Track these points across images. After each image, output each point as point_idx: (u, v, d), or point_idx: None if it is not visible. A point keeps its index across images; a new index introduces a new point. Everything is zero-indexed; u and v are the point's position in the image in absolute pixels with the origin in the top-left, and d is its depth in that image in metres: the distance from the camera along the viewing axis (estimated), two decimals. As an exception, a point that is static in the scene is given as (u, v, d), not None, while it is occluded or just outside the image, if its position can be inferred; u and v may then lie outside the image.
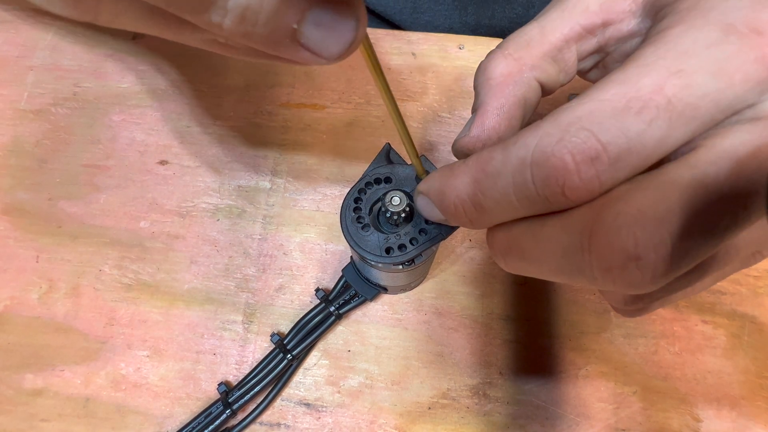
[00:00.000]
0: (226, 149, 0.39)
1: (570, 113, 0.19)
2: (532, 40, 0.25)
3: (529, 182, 0.19)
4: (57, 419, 0.33)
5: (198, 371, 0.34)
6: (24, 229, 0.37)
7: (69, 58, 0.41)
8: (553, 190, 0.18)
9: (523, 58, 0.25)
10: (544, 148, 0.18)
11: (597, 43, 0.26)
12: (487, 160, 0.20)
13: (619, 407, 0.33)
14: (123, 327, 0.35)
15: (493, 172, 0.20)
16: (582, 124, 0.18)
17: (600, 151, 0.18)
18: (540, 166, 0.18)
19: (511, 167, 0.19)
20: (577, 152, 0.18)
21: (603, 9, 0.25)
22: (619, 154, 0.18)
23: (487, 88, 0.25)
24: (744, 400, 0.33)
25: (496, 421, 0.33)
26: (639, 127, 0.18)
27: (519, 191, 0.19)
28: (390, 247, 0.26)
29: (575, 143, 0.18)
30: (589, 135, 0.18)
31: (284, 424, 0.33)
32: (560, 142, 0.18)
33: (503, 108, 0.25)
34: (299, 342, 0.33)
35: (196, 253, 0.36)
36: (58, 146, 0.39)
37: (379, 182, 0.27)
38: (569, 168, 0.18)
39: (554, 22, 0.25)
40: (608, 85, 0.19)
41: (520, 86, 0.25)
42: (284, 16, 0.15)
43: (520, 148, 0.19)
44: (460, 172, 0.21)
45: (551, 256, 0.20)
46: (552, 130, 0.19)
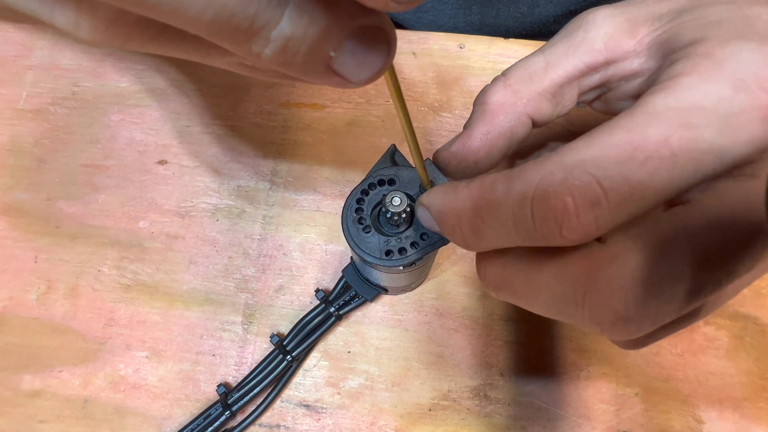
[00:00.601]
0: (225, 149, 0.39)
1: (575, 155, 0.19)
2: (534, 74, 0.26)
3: (528, 218, 0.19)
4: (55, 421, 0.33)
5: (197, 372, 0.34)
6: (22, 230, 0.37)
7: (68, 57, 0.41)
8: (551, 228, 0.19)
9: (521, 92, 0.26)
10: (547, 187, 0.19)
11: (600, 79, 0.26)
12: (489, 188, 0.20)
13: (621, 408, 0.33)
14: (122, 328, 0.35)
15: (494, 202, 0.20)
16: (586, 168, 0.18)
17: (601, 196, 0.18)
18: (540, 204, 0.19)
19: (512, 200, 0.19)
20: (578, 195, 0.18)
21: (607, 47, 0.25)
22: (619, 201, 0.18)
23: (480, 112, 0.26)
24: (746, 401, 0.33)
25: (497, 423, 0.33)
26: (642, 177, 0.18)
27: (518, 224, 0.20)
28: (390, 250, 0.25)
29: (577, 186, 0.18)
30: (591, 179, 0.18)
31: (284, 425, 0.33)
32: (563, 183, 0.18)
33: (488, 135, 0.26)
34: (299, 343, 0.33)
35: (195, 254, 0.36)
36: (56, 146, 0.39)
37: (382, 184, 0.26)
38: (569, 210, 0.18)
39: (559, 58, 0.26)
40: (615, 131, 0.19)
41: (511, 119, 0.26)
42: (324, 46, 0.15)
43: (523, 183, 0.19)
44: (462, 196, 0.21)
45: (544, 300, 0.21)
46: (556, 169, 0.19)
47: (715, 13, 0.22)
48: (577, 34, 0.26)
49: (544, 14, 0.48)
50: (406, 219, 0.25)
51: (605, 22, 0.25)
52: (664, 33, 0.23)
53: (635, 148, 0.18)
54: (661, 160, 0.18)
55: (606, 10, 0.25)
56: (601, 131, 0.19)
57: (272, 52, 0.15)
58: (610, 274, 0.19)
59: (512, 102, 0.26)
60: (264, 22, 0.14)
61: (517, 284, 0.22)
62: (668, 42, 0.23)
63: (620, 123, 0.19)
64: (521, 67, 0.26)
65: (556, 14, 0.48)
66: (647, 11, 0.25)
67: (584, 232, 0.18)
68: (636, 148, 0.18)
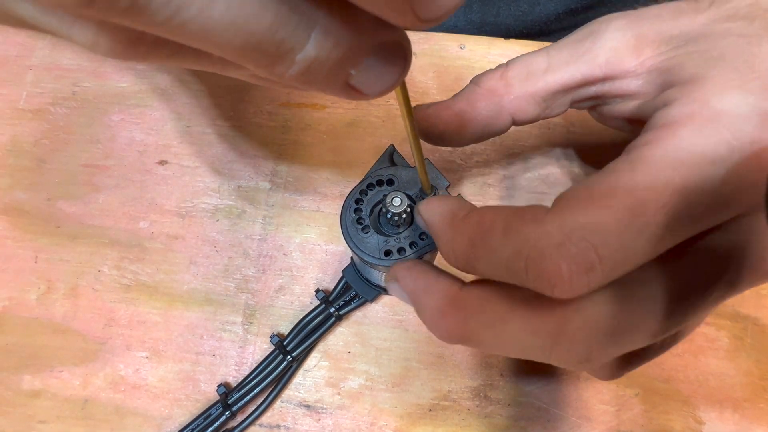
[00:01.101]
0: (225, 149, 0.39)
1: (575, 218, 0.19)
2: (532, 74, 0.26)
3: (522, 271, 0.19)
4: (55, 421, 0.33)
5: (197, 372, 0.34)
6: (22, 229, 0.37)
7: (68, 57, 0.41)
8: (543, 286, 0.19)
9: (513, 87, 0.26)
10: (543, 250, 0.19)
11: (595, 92, 0.26)
12: (487, 230, 0.20)
13: (621, 409, 0.33)
14: (122, 328, 0.35)
15: (491, 247, 0.20)
16: (584, 235, 0.19)
17: (595, 262, 0.18)
18: (535, 263, 0.19)
19: (507, 252, 0.20)
20: (573, 263, 0.18)
21: (609, 63, 0.25)
22: (613, 266, 0.19)
23: (469, 90, 0.27)
24: (747, 402, 0.33)
25: (498, 423, 0.33)
26: (637, 244, 0.19)
27: (511, 272, 0.20)
28: (389, 250, 0.25)
29: (574, 254, 0.18)
30: (588, 247, 0.18)
31: (284, 425, 0.33)
32: (560, 248, 0.19)
33: (464, 114, 0.26)
34: (299, 343, 0.33)
35: (195, 254, 0.36)
36: (56, 146, 0.39)
37: (381, 184, 0.26)
38: (563, 275, 0.18)
39: (560, 63, 0.26)
40: (616, 192, 0.19)
41: (491, 110, 0.26)
42: (346, 66, 0.16)
43: (520, 239, 0.19)
44: (460, 227, 0.21)
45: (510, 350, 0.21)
46: (555, 231, 0.19)
47: (723, 46, 0.22)
48: (583, 44, 0.26)
49: (545, 12, 0.48)
50: (406, 219, 0.25)
51: (614, 35, 0.25)
52: (667, 60, 0.24)
53: (634, 215, 0.19)
54: (658, 227, 0.19)
55: (618, 21, 0.25)
56: (599, 187, 0.20)
57: (295, 72, 0.15)
58: (576, 326, 0.20)
59: (500, 94, 0.26)
60: (291, 47, 0.14)
61: (482, 337, 0.21)
62: (669, 72, 0.23)
63: (620, 180, 0.19)
64: (523, 62, 0.26)
65: (557, 12, 0.48)
66: (658, 30, 0.24)
67: (575, 294, 0.19)
68: (635, 215, 0.19)
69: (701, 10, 0.24)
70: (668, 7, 0.25)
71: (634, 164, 0.20)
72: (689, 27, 0.24)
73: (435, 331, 0.22)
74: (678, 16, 0.24)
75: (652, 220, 0.19)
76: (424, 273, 0.23)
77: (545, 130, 0.38)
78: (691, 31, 0.24)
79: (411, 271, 0.23)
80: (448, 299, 0.22)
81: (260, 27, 0.14)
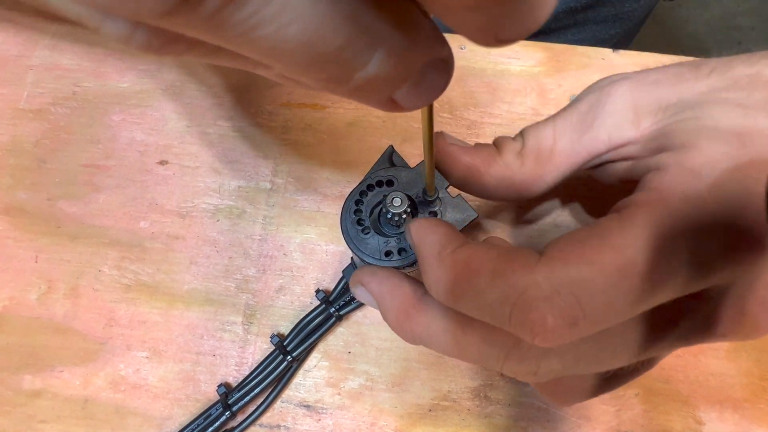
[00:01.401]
0: (226, 149, 0.39)
1: (564, 272, 0.19)
2: (540, 155, 0.27)
3: (506, 317, 0.20)
4: (55, 420, 0.33)
5: (197, 372, 0.34)
6: (23, 229, 0.37)
7: (69, 57, 0.41)
8: (524, 333, 0.19)
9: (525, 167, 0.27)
10: (530, 300, 0.19)
11: (596, 162, 0.27)
12: (475, 271, 0.20)
13: (621, 409, 0.33)
14: (122, 328, 0.35)
15: (477, 288, 0.20)
16: (572, 290, 0.19)
17: (580, 317, 0.19)
18: (521, 311, 0.19)
19: (493, 296, 0.20)
20: (559, 316, 0.19)
21: (610, 139, 0.26)
22: (595, 321, 0.19)
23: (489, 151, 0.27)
24: (747, 402, 0.33)
25: (498, 424, 0.33)
26: (622, 303, 0.19)
27: (493, 315, 0.20)
28: (390, 251, 0.25)
29: (561, 308, 0.19)
30: (575, 303, 0.19)
31: (284, 426, 0.33)
32: (547, 300, 0.19)
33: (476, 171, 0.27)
34: (299, 343, 0.33)
35: (195, 254, 0.36)
36: (57, 146, 0.39)
37: (381, 185, 0.26)
38: (547, 327, 0.19)
39: (565, 143, 0.27)
40: (607, 249, 0.20)
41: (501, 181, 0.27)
42: (398, 84, 0.16)
43: (508, 286, 0.20)
44: (446, 266, 0.21)
45: (466, 355, 0.22)
46: (544, 282, 0.19)
47: (719, 116, 0.22)
48: (586, 119, 0.26)
49: None
50: (406, 220, 0.25)
51: (615, 108, 0.26)
52: (664, 126, 0.24)
53: (622, 276, 0.19)
54: (643, 290, 0.19)
55: (619, 90, 0.26)
56: (591, 242, 0.20)
57: (350, 88, 0.15)
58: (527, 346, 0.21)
59: (512, 173, 0.27)
60: (354, 66, 0.14)
61: (442, 341, 0.23)
62: (664, 137, 0.24)
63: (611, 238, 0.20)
64: (534, 137, 0.27)
65: (557, 11, 0.48)
66: (657, 98, 0.25)
67: (554, 344, 0.19)
68: (623, 276, 0.19)
69: (701, 77, 0.24)
70: (669, 72, 0.25)
71: (625, 224, 0.20)
72: (688, 94, 0.24)
73: (398, 332, 0.23)
74: (678, 82, 0.25)
75: (638, 283, 0.19)
76: (389, 277, 0.24)
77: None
78: (689, 98, 0.24)
79: (375, 276, 0.24)
80: (413, 303, 0.23)
81: (329, 48, 0.13)
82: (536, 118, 0.39)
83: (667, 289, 0.20)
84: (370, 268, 0.25)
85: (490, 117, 0.39)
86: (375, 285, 0.24)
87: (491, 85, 0.40)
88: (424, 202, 0.26)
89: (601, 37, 0.53)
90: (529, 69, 0.40)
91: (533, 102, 0.39)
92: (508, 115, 0.39)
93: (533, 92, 0.39)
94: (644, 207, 0.21)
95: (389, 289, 0.24)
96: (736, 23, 1.44)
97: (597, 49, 0.40)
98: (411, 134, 0.39)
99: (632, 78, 0.26)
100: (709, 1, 1.45)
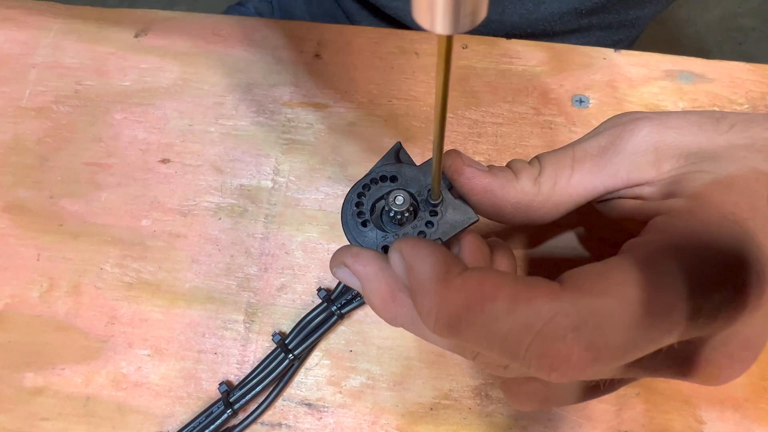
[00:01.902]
0: (228, 148, 0.39)
1: (592, 303, 0.19)
2: (558, 182, 0.26)
3: (522, 347, 0.18)
4: (57, 418, 0.33)
5: (199, 371, 0.34)
6: (25, 227, 0.37)
7: (71, 56, 0.41)
8: (542, 366, 0.18)
9: (543, 193, 0.26)
10: (557, 329, 0.18)
11: (610, 196, 0.27)
12: (490, 298, 0.19)
13: (622, 409, 0.33)
14: (124, 326, 0.35)
15: (491, 315, 0.19)
16: (599, 322, 0.18)
17: (603, 353, 0.18)
18: (543, 342, 0.18)
19: (512, 323, 0.18)
20: (584, 349, 0.18)
21: (630, 177, 0.26)
22: (616, 357, 0.19)
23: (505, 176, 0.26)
24: (747, 402, 0.33)
25: (498, 422, 0.33)
26: (642, 340, 0.19)
27: (503, 346, 0.19)
28: (387, 246, 0.26)
29: (586, 340, 0.18)
30: (601, 336, 0.18)
31: (285, 424, 0.33)
32: (576, 331, 0.18)
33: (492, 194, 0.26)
34: (301, 342, 0.33)
35: (197, 252, 0.36)
36: (59, 144, 0.39)
37: (384, 180, 0.26)
38: (570, 361, 0.18)
39: (584, 174, 0.26)
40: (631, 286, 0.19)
41: (517, 206, 0.26)
42: None
43: (532, 312, 0.18)
44: (454, 290, 0.19)
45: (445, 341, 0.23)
46: (572, 311, 0.18)
47: (734, 176, 0.23)
48: (606, 153, 0.26)
49: (550, 11, 0.48)
50: (408, 218, 0.25)
51: (637, 148, 0.26)
52: (683, 174, 0.24)
53: (644, 314, 0.19)
54: (661, 330, 0.19)
55: (641, 131, 0.26)
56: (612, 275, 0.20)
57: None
58: None
59: (529, 199, 0.26)
60: None
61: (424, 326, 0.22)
62: (678, 183, 0.24)
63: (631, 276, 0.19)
64: (551, 165, 0.27)
65: (561, 12, 0.48)
66: (678, 145, 0.25)
67: (567, 380, 0.19)
68: (644, 313, 0.19)
69: (721, 131, 0.25)
70: (690, 119, 0.26)
71: (640, 262, 0.20)
72: (707, 146, 0.25)
73: (382, 315, 0.23)
74: (699, 132, 0.25)
75: (659, 323, 0.19)
76: (374, 259, 0.23)
77: (547, 130, 0.38)
78: (709, 150, 0.24)
79: (359, 257, 0.24)
80: (400, 285, 0.22)
81: None
82: (537, 117, 0.39)
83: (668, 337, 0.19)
84: (353, 249, 0.24)
85: (492, 116, 0.39)
86: (360, 266, 0.23)
87: (493, 85, 0.40)
88: (426, 201, 0.26)
89: (604, 43, 0.53)
90: (531, 69, 0.40)
91: (535, 101, 0.39)
92: (509, 115, 0.39)
93: (535, 91, 0.39)
94: (654, 250, 0.21)
95: (374, 271, 0.23)
96: (736, 24, 1.44)
97: (598, 49, 0.41)
98: (412, 134, 0.39)
99: (654, 119, 0.26)
100: (710, 1, 1.45)
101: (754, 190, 0.22)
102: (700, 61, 0.40)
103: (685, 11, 1.44)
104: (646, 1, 0.51)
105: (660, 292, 0.19)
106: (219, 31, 0.42)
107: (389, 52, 0.41)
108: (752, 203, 0.22)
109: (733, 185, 0.22)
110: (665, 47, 0.42)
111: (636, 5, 0.51)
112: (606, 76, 0.40)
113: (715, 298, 0.19)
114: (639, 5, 0.51)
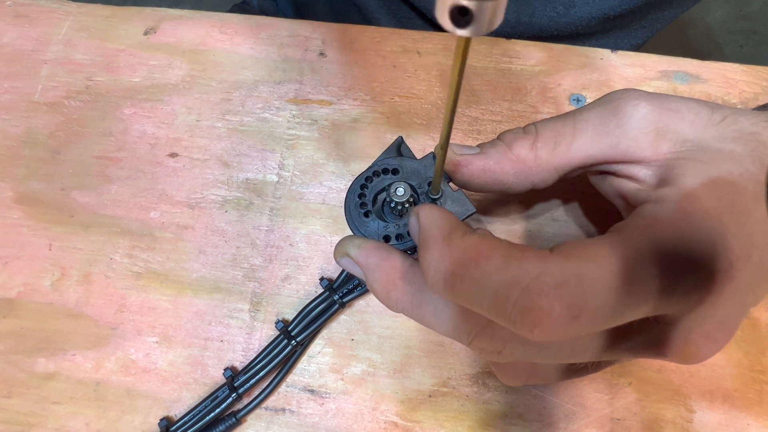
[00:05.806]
0: (234, 143, 0.40)
1: (577, 266, 0.20)
2: (558, 147, 0.28)
3: (510, 302, 0.20)
4: (68, 402, 0.34)
5: (205, 357, 0.35)
6: (37, 218, 0.38)
7: (82, 52, 0.42)
8: (524, 321, 0.20)
9: (540, 158, 0.28)
10: (542, 285, 0.20)
11: (607, 168, 0.28)
12: (484, 256, 0.21)
13: (615, 398, 0.34)
14: (133, 314, 0.36)
15: (484, 271, 0.20)
16: (581, 282, 0.20)
17: (582, 313, 0.20)
18: (529, 297, 0.20)
19: (502, 279, 0.20)
20: (565, 307, 0.19)
21: (628, 150, 0.27)
22: (593, 320, 0.20)
23: (499, 150, 0.28)
24: (736, 392, 0.34)
25: (495, 410, 0.34)
26: (617, 306, 0.20)
27: (494, 300, 0.20)
28: (388, 236, 0.27)
29: (569, 298, 0.19)
30: (583, 297, 0.20)
31: (289, 409, 0.34)
32: (557, 288, 0.20)
33: (491, 173, 0.28)
34: (304, 329, 0.34)
35: (204, 243, 0.37)
36: (70, 138, 0.40)
37: (386, 172, 0.27)
38: (551, 316, 0.19)
39: (584, 140, 0.28)
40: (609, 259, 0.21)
41: (516, 176, 0.28)
42: None
43: (520, 270, 0.20)
44: (454, 247, 0.21)
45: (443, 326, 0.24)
46: (557, 271, 0.20)
47: (723, 169, 0.24)
48: (608, 125, 0.27)
49: (579, 15, 0.48)
50: (408, 208, 0.26)
51: (638, 124, 0.27)
52: (678, 159, 0.25)
53: (622, 283, 0.20)
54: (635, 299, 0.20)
55: (643, 108, 0.27)
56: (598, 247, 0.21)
57: None
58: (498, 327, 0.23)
59: (528, 165, 0.28)
60: None
61: (424, 311, 0.24)
62: (672, 170, 0.25)
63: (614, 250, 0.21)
64: (551, 133, 0.28)
65: (590, 16, 0.49)
66: (677, 129, 0.26)
67: (548, 338, 0.20)
68: (622, 282, 0.20)
69: (714, 122, 0.26)
70: (688, 105, 0.27)
71: (623, 240, 0.22)
72: (702, 135, 0.26)
73: (384, 301, 0.25)
74: (695, 119, 0.26)
75: (640, 291, 0.20)
76: (377, 249, 0.25)
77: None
78: (702, 139, 0.26)
79: (362, 248, 0.25)
80: (401, 273, 0.24)
81: None
82: (536, 115, 0.40)
83: (641, 309, 0.21)
84: (356, 239, 0.26)
85: (491, 114, 0.40)
86: (363, 257, 0.25)
87: (492, 83, 0.41)
88: (426, 194, 0.27)
89: (621, 45, 0.54)
90: (530, 68, 0.41)
91: (533, 100, 0.40)
92: (508, 113, 0.40)
93: (533, 90, 0.40)
94: (638, 232, 0.22)
95: (377, 261, 0.25)
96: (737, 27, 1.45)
97: (596, 50, 0.42)
98: (414, 130, 0.40)
99: (655, 98, 0.27)
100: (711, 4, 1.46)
101: (737, 185, 0.24)
102: (695, 62, 0.41)
103: (686, 14, 1.44)
104: (667, 4, 0.52)
105: (637, 266, 0.21)
106: (226, 30, 0.43)
107: (392, 51, 0.42)
108: (732, 198, 0.23)
109: (718, 180, 0.24)
110: (665, 49, 0.43)
111: (658, 8, 0.52)
112: (603, 76, 0.41)
113: (688, 280, 0.21)
114: (660, 7, 0.52)
